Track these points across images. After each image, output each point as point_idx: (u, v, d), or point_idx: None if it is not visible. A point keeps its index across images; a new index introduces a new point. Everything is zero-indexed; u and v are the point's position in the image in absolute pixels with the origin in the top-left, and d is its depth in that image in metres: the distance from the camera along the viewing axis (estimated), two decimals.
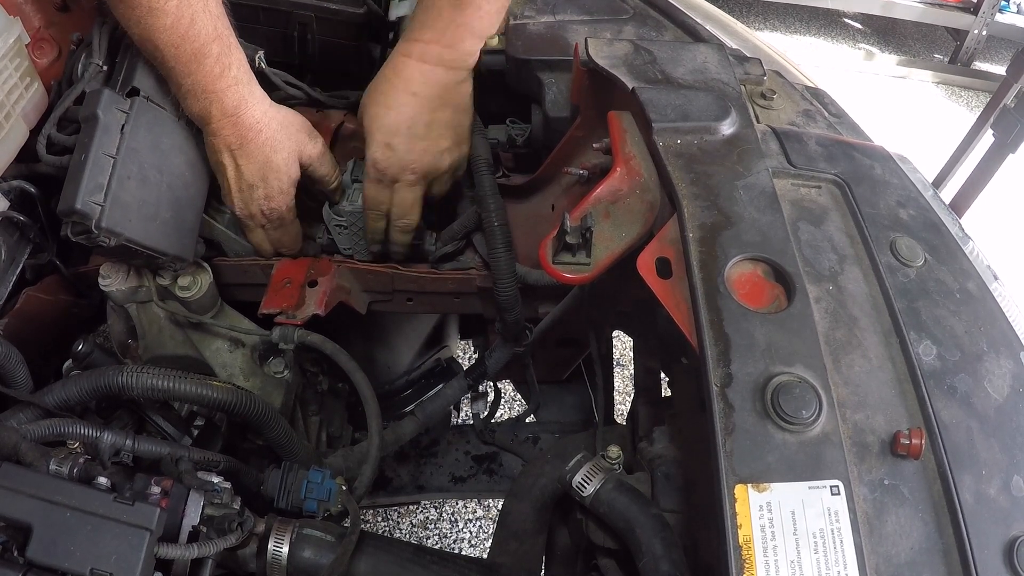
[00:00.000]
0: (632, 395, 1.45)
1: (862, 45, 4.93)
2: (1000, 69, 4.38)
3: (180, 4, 0.98)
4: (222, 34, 1.04)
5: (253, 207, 1.16)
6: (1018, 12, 4.64)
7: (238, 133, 1.08)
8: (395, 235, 1.23)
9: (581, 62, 1.09)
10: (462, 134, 1.19)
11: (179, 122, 1.10)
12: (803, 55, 4.51)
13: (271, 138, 1.11)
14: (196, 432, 1.12)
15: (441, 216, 1.30)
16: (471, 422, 1.63)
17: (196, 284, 1.15)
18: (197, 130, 1.11)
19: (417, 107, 1.14)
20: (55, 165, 1.06)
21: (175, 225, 1.08)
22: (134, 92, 1.04)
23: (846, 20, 5.11)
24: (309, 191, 1.23)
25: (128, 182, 1.00)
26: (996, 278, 0.93)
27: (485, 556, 1.14)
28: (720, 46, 1.14)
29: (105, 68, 1.09)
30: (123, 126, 1.01)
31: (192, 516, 0.83)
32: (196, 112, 1.07)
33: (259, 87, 1.11)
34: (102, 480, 0.77)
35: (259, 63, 1.18)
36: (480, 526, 2.40)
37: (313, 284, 1.22)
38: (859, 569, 0.66)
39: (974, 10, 4.57)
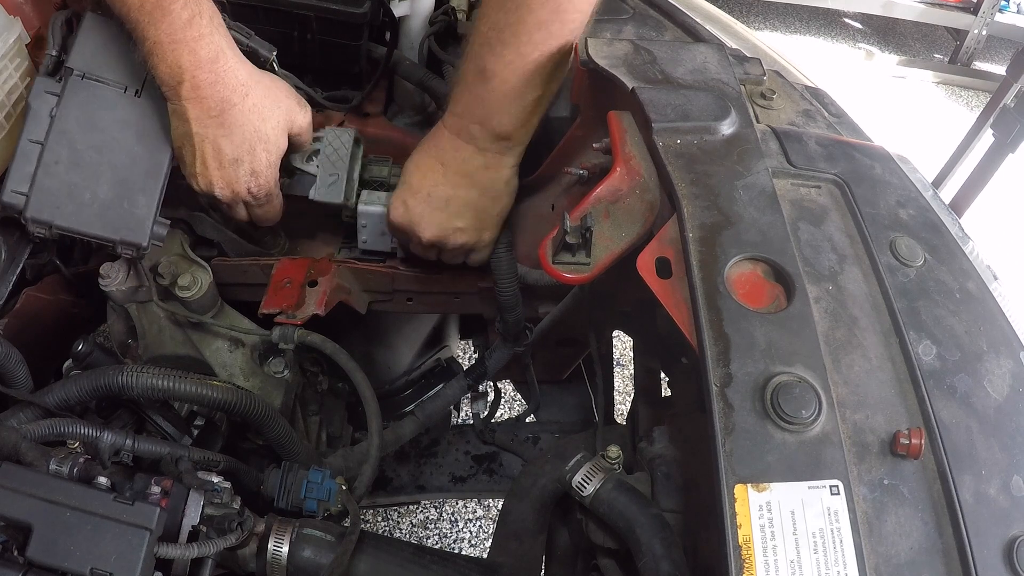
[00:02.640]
0: (632, 395, 1.45)
1: (862, 45, 4.93)
2: (1000, 69, 4.38)
3: None
4: None
5: (239, 186, 1.05)
6: (1018, 12, 4.64)
7: (219, 95, 0.97)
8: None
9: (581, 62, 1.09)
10: (486, 220, 1.15)
11: (125, 94, 1.02)
12: (803, 55, 4.51)
13: (258, 104, 1.01)
14: (196, 432, 1.12)
15: None
16: (471, 422, 1.63)
17: (196, 284, 1.15)
18: (151, 98, 1.01)
19: (441, 179, 1.11)
20: None
21: (118, 208, 1.00)
22: (67, 72, 0.99)
23: (846, 20, 5.11)
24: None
25: (55, 167, 0.96)
26: (996, 278, 0.93)
27: (485, 556, 1.14)
28: (720, 46, 1.14)
29: (60, 55, 1.03)
30: (52, 110, 0.97)
31: (192, 516, 0.83)
32: (166, 71, 0.95)
33: (236, 50, 1.01)
34: (102, 480, 0.77)
35: (272, 64, 1.14)
36: (480, 526, 2.40)
37: (313, 284, 1.22)
38: (859, 569, 0.66)
39: (974, 10, 4.57)
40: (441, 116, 1.13)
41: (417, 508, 2.40)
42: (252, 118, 1.01)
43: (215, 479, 0.90)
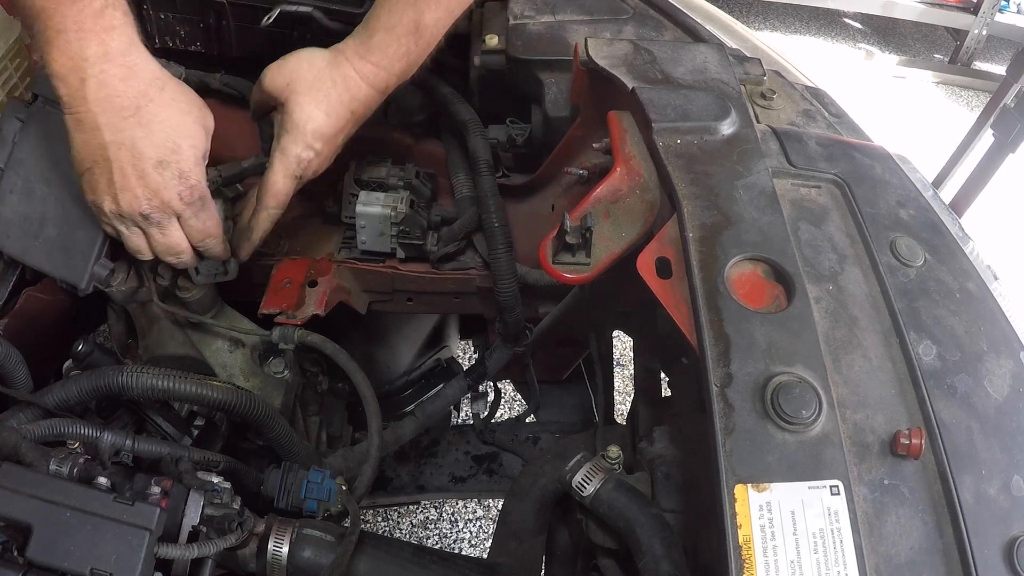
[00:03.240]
0: (632, 395, 1.45)
1: (862, 45, 4.93)
2: (1000, 69, 4.38)
3: None
4: None
5: (168, 192, 0.91)
6: (1018, 12, 4.64)
7: (133, 90, 0.86)
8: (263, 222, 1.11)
9: (581, 62, 1.09)
10: None
11: None
12: (803, 55, 4.51)
13: (176, 97, 0.91)
14: (196, 432, 1.12)
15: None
16: (471, 422, 1.63)
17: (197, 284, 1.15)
18: None
19: (350, 124, 1.09)
20: None
21: (61, 245, 0.97)
22: (34, 97, 0.97)
23: (846, 20, 5.10)
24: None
25: (10, 196, 0.94)
26: (996, 278, 0.93)
27: (485, 556, 1.14)
28: (720, 46, 1.14)
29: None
30: (15, 135, 0.95)
31: (192, 516, 0.83)
32: (66, 64, 0.82)
33: (142, 46, 0.90)
34: (102, 480, 0.77)
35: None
36: (480, 526, 2.40)
37: (313, 284, 1.22)
38: (859, 569, 0.66)
39: (974, 10, 4.57)
40: (338, 57, 1.06)
41: (417, 508, 2.40)
42: (172, 111, 0.90)
43: (215, 479, 0.90)
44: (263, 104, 1.11)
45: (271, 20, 1.17)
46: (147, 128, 0.88)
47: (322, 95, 1.05)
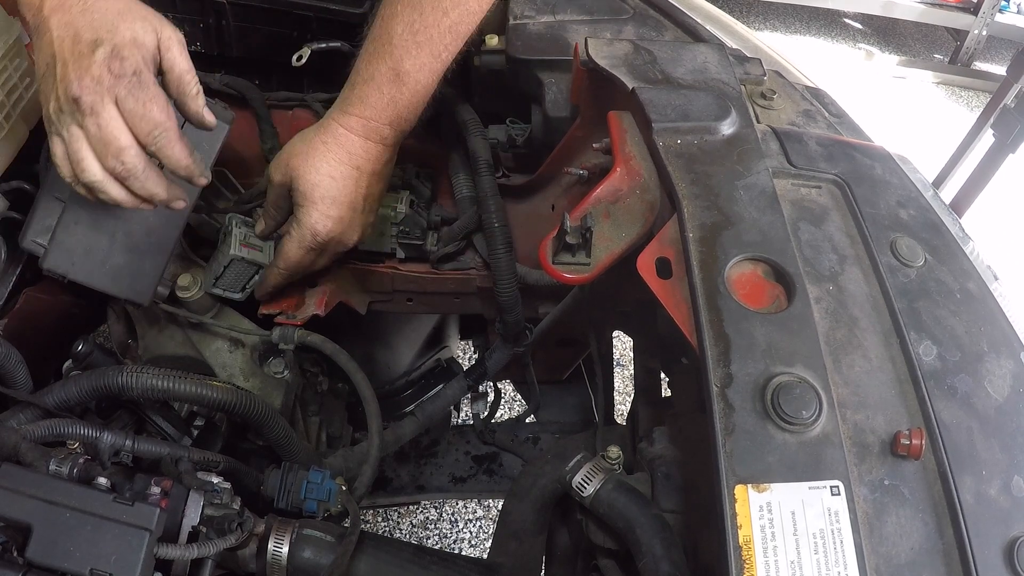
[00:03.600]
0: (632, 395, 1.45)
1: (862, 45, 4.93)
2: (1000, 69, 4.38)
3: None
4: None
5: (97, 68, 0.84)
6: (1018, 12, 4.64)
7: None
8: (274, 278, 1.15)
9: (581, 62, 1.09)
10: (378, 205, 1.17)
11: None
12: (803, 55, 4.51)
13: None
14: (196, 432, 1.12)
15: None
16: (471, 422, 1.63)
17: (196, 284, 1.15)
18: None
19: (362, 183, 1.09)
20: None
21: (129, 271, 1.07)
22: None
23: (846, 20, 5.10)
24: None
25: (75, 227, 1.02)
26: (996, 278, 0.93)
27: (485, 556, 1.13)
28: (720, 46, 1.14)
29: None
30: None
31: (192, 516, 0.83)
32: None
33: None
34: (102, 480, 0.77)
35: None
36: (480, 526, 2.40)
37: (313, 284, 1.22)
38: (859, 569, 0.66)
39: (974, 10, 4.57)
40: (328, 121, 1.08)
41: (417, 508, 2.40)
42: (119, 2, 0.87)
43: (215, 479, 0.90)
44: (279, 198, 1.12)
45: (303, 61, 1.17)
46: (89, 14, 0.85)
47: (319, 160, 1.06)
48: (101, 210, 1.03)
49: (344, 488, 1.03)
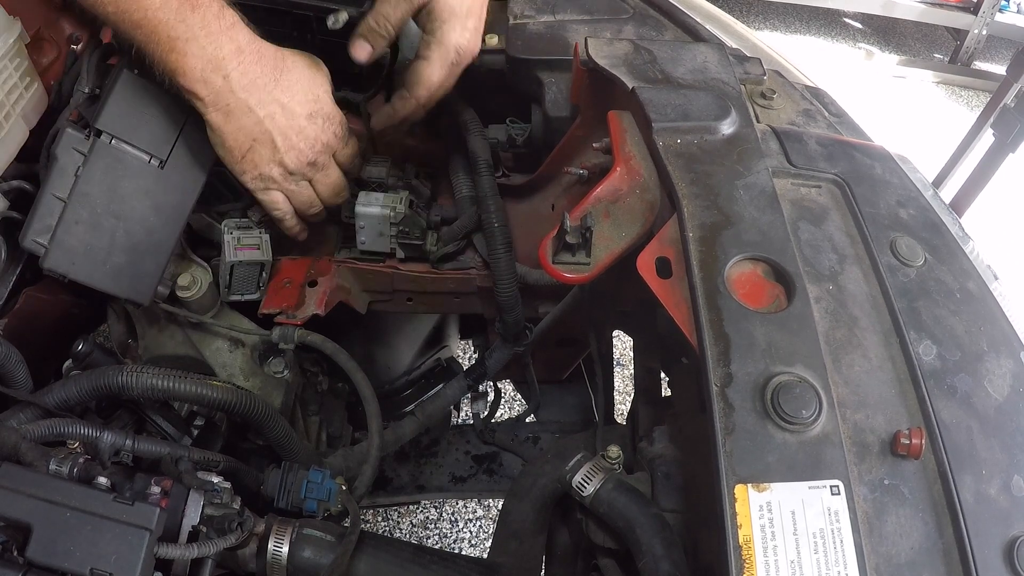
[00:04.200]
0: (632, 395, 1.45)
1: (862, 45, 4.93)
2: (1000, 69, 4.38)
3: None
4: None
5: (325, 135, 1.04)
6: (1018, 12, 4.64)
7: (270, 64, 0.96)
8: (409, 109, 1.16)
9: (581, 62, 1.09)
10: None
11: (149, 164, 1.05)
12: (803, 55, 4.51)
13: (297, 60, 1.01)
14: (196, 432, 1.12)
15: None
16: (471, 422, 1.63)
17: (196, 284, 1.15)
18: (173, 170, 1.03)
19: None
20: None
21: (129, 271, 1.06)
22: (97, 133, 1.02)
23: (846, 20, 5.10)
24: None
25: (76, 227, 1.01)
26: (996, 278, 0.93)
27: (485, 556, 1.14)
28: (720, 46, 1.14)
29: (94, 91, 1.06)
30: (78, 168, 1.01)
31: (192, 516, 0.83)
32: (202, 67, 0.91)
33: None
34: (102, 480, 0.77)
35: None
36: (480, 526, 2.40)
37: (313, 284, 1.22)
38: (859, 569, 0.66)
39: (974, 10, 4.57)
40: None
41: (417, 508, 2.40)
42: (301, 71, 1.01)
43: (215, 479, 0.90)
44: (400, 21, 1.09)
45: (339, 25, 1.15)
46: (290, 92, 0.99)
47: None
48: (102, 210, 1.03)
49: (344, 488, 1.03)
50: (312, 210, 1.13)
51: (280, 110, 0.98)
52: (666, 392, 1.18)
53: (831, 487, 0.69)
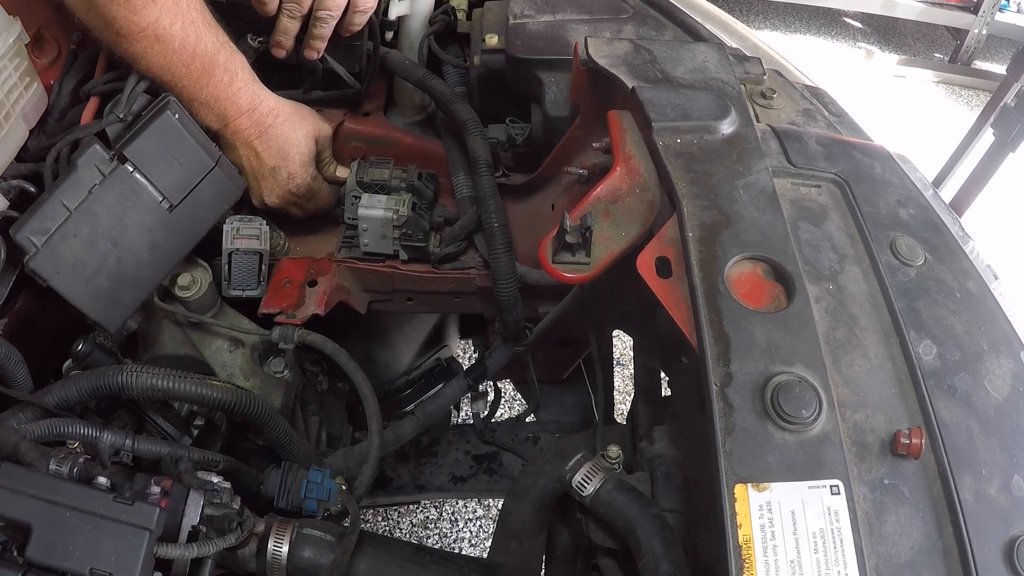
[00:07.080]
0: (632, 395, 1.45)
1: (862, 45, 4.92)
2: (1000, 68, 4.38)
3: (184, 24, 1.02)
4: (224, 42, 1.09)
5: (282, 189, 1.21)
6: (1018, 11, 4.64)
7: (256, 122, 1.15)
8: (319, 28, 1.19)
9: (581, 61, 1.09)
10: None
11: (159, 204, 1.08)
12: (803, 55, 4.50)
13: (288, 120, 1.19)
14: (196, 432, 1.12)
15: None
16: (471, 422, 1.63)
17: (196, 284, 1.15)
18: (180, 217, 1.10)
19: None
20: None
21: (108, 296, 1.06)
22: (123, 159, 1.03)
23: (846, 20, 5.10)
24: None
25: (73, 239, 1.01)
26: (996, 278, 0.93)
27: (485, 556, 1.14)
28: (720, 45, 1.14)
29: (126, 119, 1.08)
30: (93, 186, 1.02)
31: (192, 516, 0.83)
32: (212, 119, 1.12)
33: (263, 86, 1.17)
34: (102, 480, 0.77)
35: (255, 45, 1.20)
36: (480, 526, 2.40)
37: (313, 284, 1.23)
38: (859, 569, 0.66)
39: (974, 9, 4.56)
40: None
41: (417, 508, 2.40)
42: (284, 130, 1.18)
43: (215, 479, 0.90)
44: None
45: None
46: (266, 143, 1.17)
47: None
48: (102, 232, 1.03)
49: (344, 488, 1.03)
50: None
51: (253, 159, 1.18)
52: (666, 392, 1.18)
53: (831, 487, 0.69)
